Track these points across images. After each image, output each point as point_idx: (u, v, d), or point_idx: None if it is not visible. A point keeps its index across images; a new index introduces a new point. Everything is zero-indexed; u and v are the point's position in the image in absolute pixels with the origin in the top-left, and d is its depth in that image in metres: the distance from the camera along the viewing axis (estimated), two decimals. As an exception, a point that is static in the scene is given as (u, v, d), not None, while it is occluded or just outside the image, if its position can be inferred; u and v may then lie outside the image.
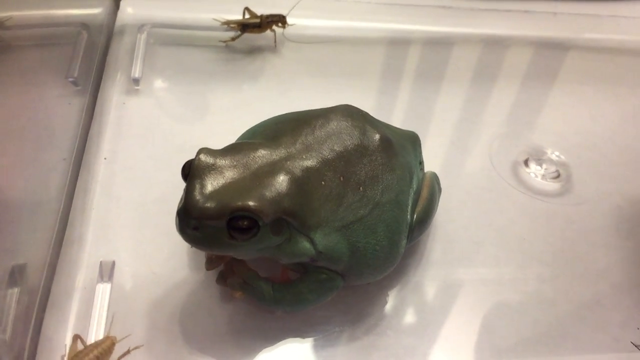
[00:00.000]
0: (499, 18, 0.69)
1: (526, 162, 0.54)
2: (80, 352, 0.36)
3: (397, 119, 0.56)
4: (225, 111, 0.55)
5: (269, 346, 0.40)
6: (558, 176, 0.53)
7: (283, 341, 0.41)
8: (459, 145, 0.55)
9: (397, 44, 0.65)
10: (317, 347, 0.41)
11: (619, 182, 0.53)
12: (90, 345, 0.36)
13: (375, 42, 0.65)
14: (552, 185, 0.52)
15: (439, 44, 0.66)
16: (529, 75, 0.64)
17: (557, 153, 0.54)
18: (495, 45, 0.66)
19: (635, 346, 0.41)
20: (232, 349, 0.40)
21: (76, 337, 0.37)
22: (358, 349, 0.41)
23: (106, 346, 0.37)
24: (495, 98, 0.60)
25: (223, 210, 0.35)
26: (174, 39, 0.60)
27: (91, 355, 0.35)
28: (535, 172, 0.53)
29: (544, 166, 0.53)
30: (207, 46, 0.61)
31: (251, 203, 0.36)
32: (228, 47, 0.61)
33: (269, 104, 0.56)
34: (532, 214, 0.50)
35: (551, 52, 0.67)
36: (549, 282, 0.46)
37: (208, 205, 0.36)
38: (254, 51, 0.62)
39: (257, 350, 0.40)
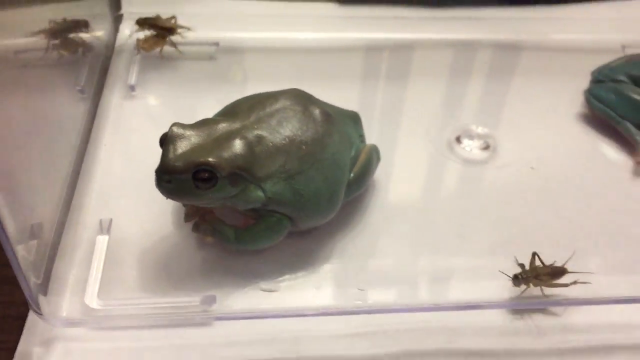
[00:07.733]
0: (407, 24, 0.77)
1: (458, 139, 0.63)
2: None
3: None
4: (207, 110, 0.66)
5: (233, 282, 0.50)
6: (487, 147, 0.63)
7: (244, 278, 0.50)
8: (398, 127, 0.65)
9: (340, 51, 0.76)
10: (272, 283, 0.50)
11: (533, 148, 0.63)
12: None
13: (329, 50, 0.75)
14: (482, 154, 0.62)
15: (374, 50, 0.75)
16: (451, 73, 0.73)
17: (481, 128, 0.64)
18: (411, 48, 0.75)
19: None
20: (205, 283, 0.50)
21: None
22: (310, 286, 0.51)
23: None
24: (426, 93, 0.69)
25: (188, 165, 0.46)
26: (163, 53, 0.71)
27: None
28: (467, 146, 0.63)
29: (474, 140, 0.63)
30: (191, 59, 0.71)
31: (210, 159, 0.46)
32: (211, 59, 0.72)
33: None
34: (466, 179, 0.61)
35: (467, 52, 0.75)
36: (484, 232, 0.56)
37: (177, 163, 0.46)
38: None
39: (224, 285, 0.50)
